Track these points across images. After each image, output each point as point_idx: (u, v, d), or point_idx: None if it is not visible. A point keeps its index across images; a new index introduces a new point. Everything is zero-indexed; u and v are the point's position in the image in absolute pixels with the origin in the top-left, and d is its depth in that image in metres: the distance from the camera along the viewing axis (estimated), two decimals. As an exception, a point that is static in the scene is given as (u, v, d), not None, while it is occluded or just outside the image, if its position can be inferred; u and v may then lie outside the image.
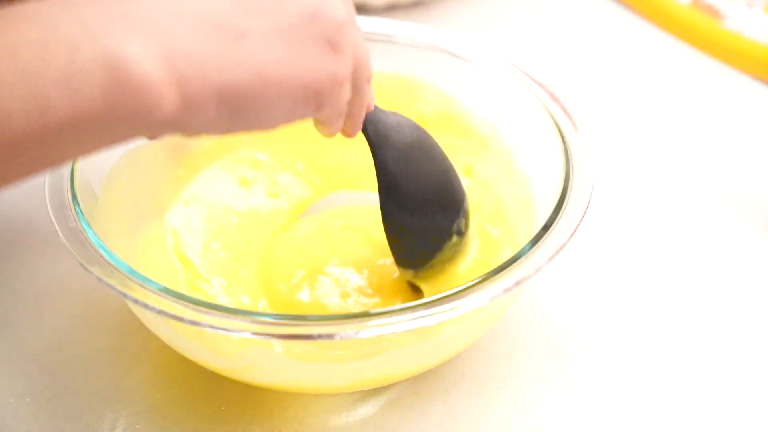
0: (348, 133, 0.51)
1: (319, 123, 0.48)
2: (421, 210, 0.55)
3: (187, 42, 0.40)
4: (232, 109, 0.42)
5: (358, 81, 0.47)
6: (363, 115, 0.50)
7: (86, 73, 0.38)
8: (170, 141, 0.62)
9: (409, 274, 0.57)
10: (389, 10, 0.81)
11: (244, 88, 0.42)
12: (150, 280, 0.50)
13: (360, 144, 0.65)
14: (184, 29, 0.40)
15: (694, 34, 0.78)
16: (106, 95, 0.39)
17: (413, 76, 0.65)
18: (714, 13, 0.77)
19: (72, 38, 0.38)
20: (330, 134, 0.49)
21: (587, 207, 0.53)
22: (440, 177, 0.56)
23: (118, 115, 0.39)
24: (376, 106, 0.53)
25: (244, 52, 0.41)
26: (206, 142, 0.64)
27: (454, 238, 0.57)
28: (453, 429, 0.54)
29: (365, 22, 0.65)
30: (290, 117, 0.44)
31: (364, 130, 0.53)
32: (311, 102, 0.44)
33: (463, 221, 0.57)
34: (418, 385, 0.56)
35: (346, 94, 0.46)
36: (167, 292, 0.49)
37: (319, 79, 0.44)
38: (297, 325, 0.48)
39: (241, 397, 0.56)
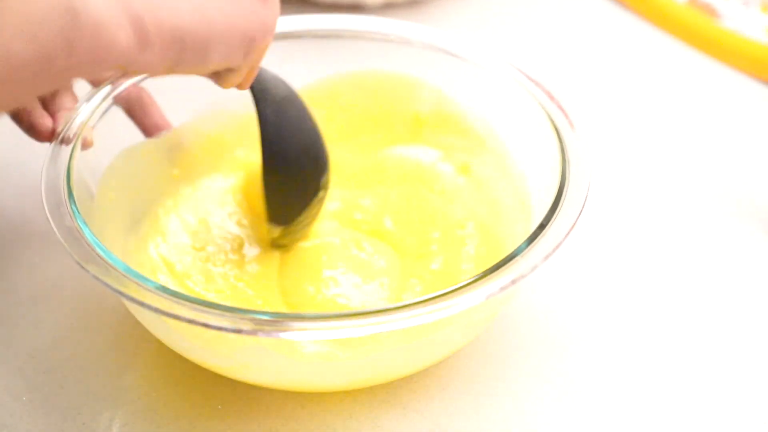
0: (243, 86, 0.53)
1: (228, 72, 0.50)
2: (296, 163, 0.58)
3: None
4: (179, 50, 0.44)
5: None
6: (258, 68, 0.53)
7: (45, 18, 0.40)
8: (166, 141, 0.62)
9: (278, 231, 0.59)
10: (385, 8, 0.81)
11: (193, 30, 0.44)
12: (146, 279, 0.50)
13: (352, 145, 0.66)
14: None
15: (691, 33, 0.78)
16: (65, 38, 0.41)
17: (409, 75, 0.65)
18: (711, 12, 0.78)
19: None
20: (231, 84, 0.51)
21: (583, 205, 0.53)
22: (310, 131, 0.58)
23: (78, 55, 0.41)
24: None
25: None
26: (202, 143, 0.64)
27: (321, 193, 0.59)
28: (450, 428, 0.54)
29: (361, 21, 0.65)
30: (223, 61, 0.47)
31: (251, 86, 0.55)
32: (243, 48, 0.48)
33: (327, 176, 0.59)
34: (416, 383, 0.56)
35: (269, 41, 0.49)
36: (163, 290, 0.49)
37: (254, 28, 0.48)
38: (293, 323, 0.48)
39: (238, 395, 0.56)
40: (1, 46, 0.39)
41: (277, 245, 0.60)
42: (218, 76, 0.51)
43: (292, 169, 0.58)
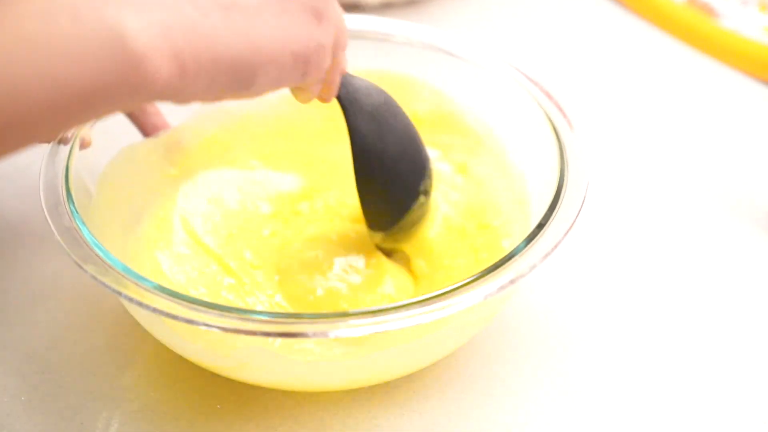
0: (324, 98, 0.53)
1: (298, 90, 0.50)
2: (391, 170, 0.57)
3: (182, 14, 0.42)
4: (225, 77, 0.43)
5: (336, 50, 0.49)
6: (338, 81, 0.52)
7: (89, 43, 0.40)
8: (164, 140, 0.62)
9: (378, 237, 0.59)
10: (384, 8, 0.81)
11: (237, 57, 0.43)
12: (145, 279, 0.50)
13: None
14: (179, 1, 0.42)
15: (690, 33, 0.78)
16: (107, 66, 0.40)
17: (408, 74, 0.65)
18: (709, 11, 0.78)
19: (73, 6, 0.40)
20: (307, 100, 0.51)
21: (582, 205, 0.53)
22: (407, 138, 0.58)
23: (119, 84, 0.40)
24: (347, 73, 0.55)
25: (237, 22, 0.43)
26: (200, 142, 0.64)
27: (421, 198, 0.58)
28: (448, 427, 0.54)
29: (360, 21, 0.65)
30: (278, 84, 0.46)
31: (337, 96, 0.55)
32: (298, 69, 0.46)
33: (428, 182, 0.59)
34: (414, 383, 0.56)
35: (329, 60, 0.48)
36: (162, 290, 0.49)
37: (307, 47, 0.46)
38: (291, 323, 0.48)
39: (236, 395, 0.56)
40: (49, 66, 0.39)
41: (380, 249, 0.60)
42: (293, 92, 0.50)
43: (386, 177, 0.57)
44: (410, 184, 0.58)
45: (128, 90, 0.41)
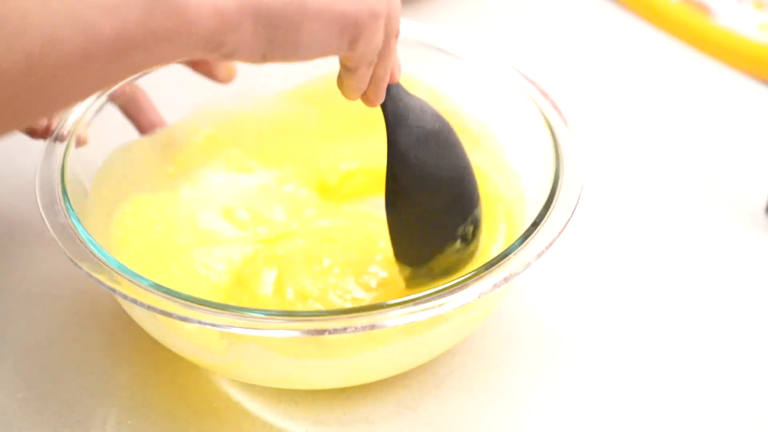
0: (370, 100, 0.50)
1: (347, 73, 0.48)
2: (425, 203, 0.54)
3: None
4: (269, 32, 0.42)
5: (388, 31, 0.47)
6: (387, 79, 0.50)
7: None
8: (160, 138, 0.62)
9: (406, 272, 0.57)
10: None
11: (280, 10, 0.42)
12: (140, 276, 0.50)
13: (348, 143, 0.65)
14: None
15: (685, 31, 0.78)
16: (147, 17, 0.40)
17: (403, 73, 0.65)
18: (704, 9, 0.78)
19: None
20: (354, 92, 0.49)
21: (577, 204, 0.54)
22: (454, 175, 0.55)
23: (159, 35, 0.40)
24: (402, 87, 0.53)
25: None
26: (197, 140, 0.64)
27: (458, 244, 0.56)
28: (443, 423, 0.55)
29: None
30: (325, 48, 0.44)
31: (384, 106, 0.52)
32: (347, 34, 0.44)
33: (470, 228, 0.56)
34: (410, 380, 0.56)
35: (380, 35, 0.46)
36: (156, 287, 0.49)
37: (357, 10, 0.44)
38: (285, 321, 0.48)
39: (232, 392, 0.56)
40: (83, 18, 0.39)
41: (408, 285, 0.57)
42: (340, 84, 0.48)
43: (419, 208, 0.54)
44: (447, 224, 0.55)
45: (170, 40, 0.40)
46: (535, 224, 0.52)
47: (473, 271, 0.50)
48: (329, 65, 0.66)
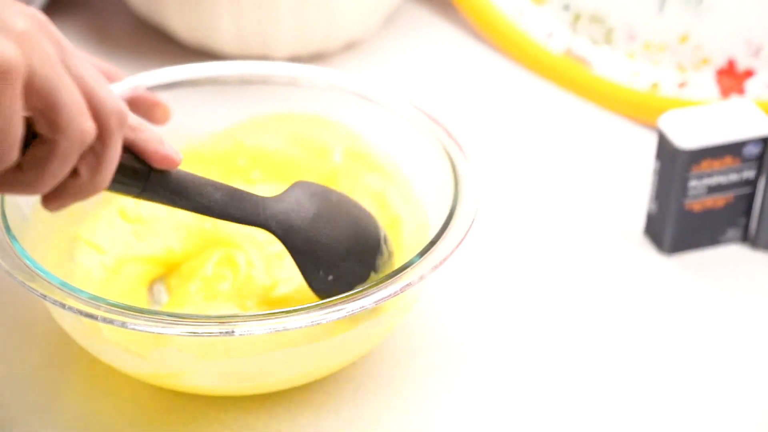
0: (92, 187, 0.45)
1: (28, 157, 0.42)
2: (339, 268, 0.58)
3: None
4: None
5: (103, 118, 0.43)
6: (107, 159, 0.44)
7: None
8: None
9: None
10: (291, 61, 0.83)
11: None
12: (68, 284, 0.53)
13: (274, 186, 0.67)
14: None
15: (568, 80, 0.84)
16: None
17: (322, 116, 0.68)
18: (583, 60, 0.84)
19: None
20: (40, 182, 0.43)
21: (471, 226, 0.58)
22: (351, 230, 0.58)
23: None
24: (265, 198, 0.56)
25: None
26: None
27: (372, 275, 0.60)
28: (362, 425, 0.58)
29: (273, 68, 0.68)
30: None
31: (269, 229, 0.56)
32: None
33: (379, 259, 0.60)
34: (330, 386, 0.60)
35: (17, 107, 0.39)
36: (85, 294, 0.53)
37: None
38: (193, 324, 0.52)
39: (165, 402, 0.59)
40: None
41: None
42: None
43: (334, 275, 0.58)
44: (362, 269, 0.59)
45: None
46: (433, 243, 0.57)
47: (374, 281, 0.55)
48: (246, 111, 0.70)
